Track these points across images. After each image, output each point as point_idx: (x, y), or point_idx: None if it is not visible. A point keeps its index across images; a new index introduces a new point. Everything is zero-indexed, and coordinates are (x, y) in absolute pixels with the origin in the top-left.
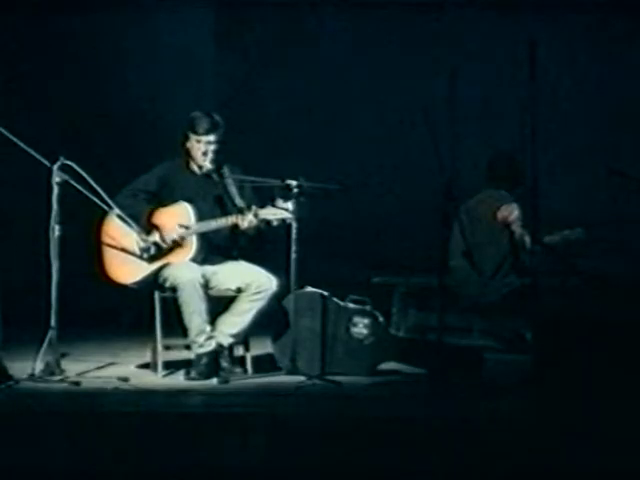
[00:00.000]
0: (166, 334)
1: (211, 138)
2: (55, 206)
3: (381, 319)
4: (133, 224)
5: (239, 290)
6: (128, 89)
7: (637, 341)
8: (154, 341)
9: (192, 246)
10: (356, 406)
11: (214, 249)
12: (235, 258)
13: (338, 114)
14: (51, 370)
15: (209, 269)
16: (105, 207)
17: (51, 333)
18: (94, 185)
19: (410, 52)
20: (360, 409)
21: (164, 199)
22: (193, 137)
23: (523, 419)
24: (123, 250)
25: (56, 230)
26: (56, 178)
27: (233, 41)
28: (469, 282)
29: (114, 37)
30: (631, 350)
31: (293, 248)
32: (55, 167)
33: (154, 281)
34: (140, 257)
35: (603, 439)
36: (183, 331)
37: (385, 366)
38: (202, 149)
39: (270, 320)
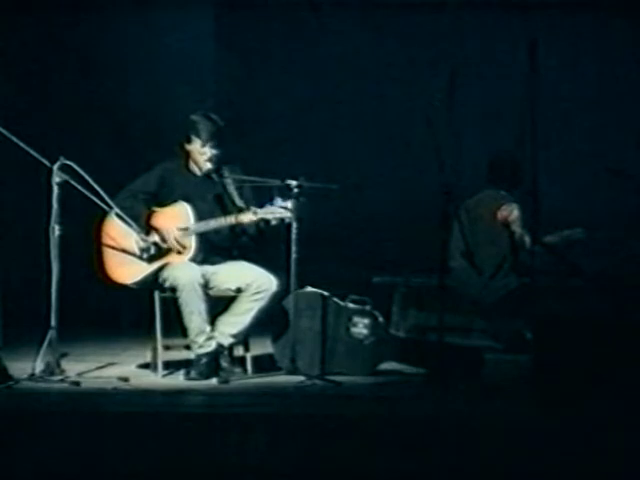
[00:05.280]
0: (166, 334)
1: (215, 142)
2: (55, 206)
3: (381, 319)
4: (133, 224)
5: (239, 290)
6: (128, 89)
7: (637, 341)
8: (154, 341)
9: (192, 246)
10: (356, 406)
11: (214, 249)
12: (235, 258)
13: (338, 114)
14: (51, 370)
15: (209, 269)
16: (105, 207)
17: (51, 333)
18: (94, 185)
19: (410, 52)
20: (360, 409)
21: (163, 199)
22: (197, 142)
23: (523, 419)
24: (123, 250)
25: (56, 230)
26: (56, 178)
27: (233, 41)
28: (469, 282)
29: (114, 37)
30: (632, 350)
31: (293, 248)
32: (55, 167)
33: (154, 281)
34: (140, 257)
35: (603, 439)
36: (183, 331)
37: (385, 366)
38: (207, 154)
39: (270, 320)
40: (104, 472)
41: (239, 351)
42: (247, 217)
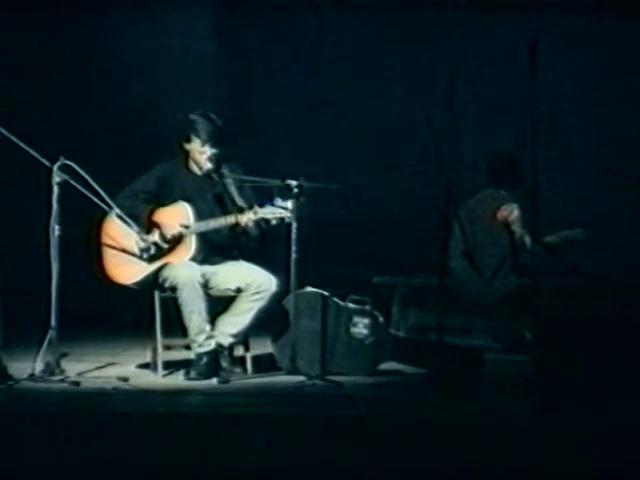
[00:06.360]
0: (166, 334)
1: (214, 142)
2: (55, 206)
3: (381, 319)
4: (133, 224)
5: (239, 290)
6: (128, 89)
7: (637, 340)
8: (154, 341)
9: (191, 246)
10: (356, 406)
11: (214, 249)
12: (235, 258)
13: (338, 114)
14: (51, 370)
15: (209, 269)
16: (105, 207)
17: (51, 333)
18: (94, 185)
19: (410, 52)
20: (360, 409)
21: (164, 199)
22: (196, 141)
23: (523, 419)
24: (123, 250)
25: (56, 230)
26: (56, 178)
27: (233, 41)
28: (469, 282)
29: (114, 37)
30: (632, 350)
31: (293, 248)
32: (55, 167)
33: (154, 281)
34: (140, 257)
35: (603, 439)
36: (183, 331)
37: (385, 366)
38: (208, 154)
39: (270, 320)
40: (104, 472)
41: (239, 351)
42: (247, 217)
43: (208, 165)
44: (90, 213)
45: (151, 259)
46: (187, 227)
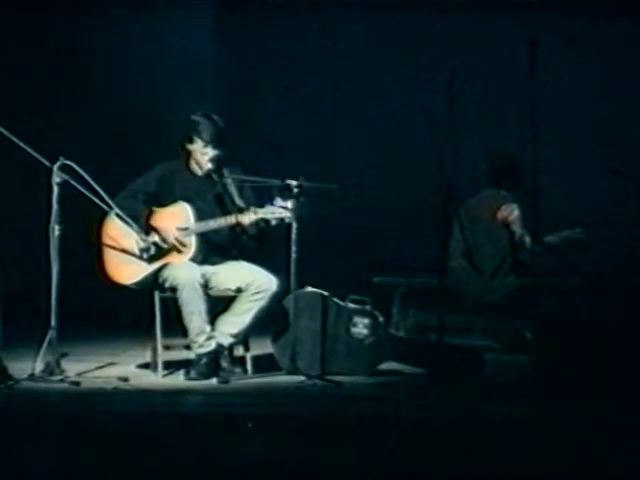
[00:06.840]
0: (166, 334)
1: (216, 142)
2: (55, 206)
3: (381, 319)
4: (133, 224)
5: (239, 290)
6: (128, 89)
7: (637, 340)
8: (154, 341)
9: (191, 246)
10: (356, 406)
11: (214, 249)
12: (235, 258)
13: (338, 114)
14: (51, 370)
15: (209, 269)
16: (105, 207)
17: (51, 333)
18: (94, 185)
19: (410, 52)
20: (360, 409)
21: (163, 199)
22: (199, 142)
23: (523, 419)
24: (123, 250)
25: (56, 230)
26: (56, 178)
27: (233, 41)
28: (469, 282)
29: (114, 37)
30: (631, 350)
31: (293, 248)
32: (55, 167)
33: (154, 281)
34: (140, 257)
35: (603, 439)
36: (183, 331)
37: (385, 366)
38: (210, 154)
39: (270, 320)
40: (104, 472)
41: (239, 351)
42: (247, 217)
43: (209, 166)
44: (90, 213)
45: (151, 259)
46: (186, 229)
